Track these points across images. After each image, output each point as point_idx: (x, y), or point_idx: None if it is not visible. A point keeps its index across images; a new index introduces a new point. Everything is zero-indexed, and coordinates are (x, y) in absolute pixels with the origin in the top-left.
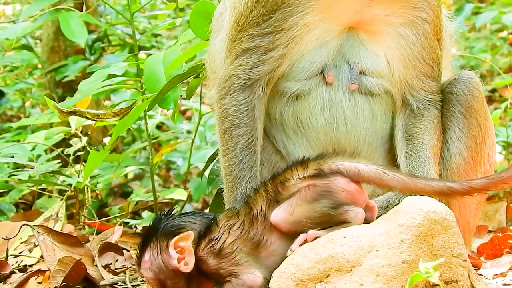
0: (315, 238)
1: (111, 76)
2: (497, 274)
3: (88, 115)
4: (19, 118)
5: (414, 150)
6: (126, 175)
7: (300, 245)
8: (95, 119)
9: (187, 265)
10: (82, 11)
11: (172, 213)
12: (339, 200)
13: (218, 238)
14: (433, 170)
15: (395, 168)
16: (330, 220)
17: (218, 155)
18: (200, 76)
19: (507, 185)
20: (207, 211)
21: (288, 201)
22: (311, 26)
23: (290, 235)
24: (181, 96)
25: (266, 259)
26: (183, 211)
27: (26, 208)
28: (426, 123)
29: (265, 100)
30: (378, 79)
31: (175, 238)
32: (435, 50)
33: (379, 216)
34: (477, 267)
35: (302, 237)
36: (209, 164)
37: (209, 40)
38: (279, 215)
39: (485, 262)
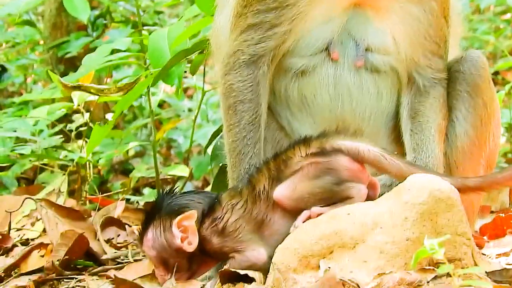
0: (318, 215)
1: (115, 51)
2: (500, 254)
3: (92, 90)
4: (21, 94)
5: (419, 128)
6: (127, 152)
7: (303, 222)
8: (99, 94)
9: (191, 244)
10: None
11: (174, 191)
12: (342, 177)
13: (221, 217)
14: (437, 148)
15: (396, 153)
16: (333, 197)
17: (221, 131)
18: (205, 52)
19: (501, 187)
20: (208, 189)
21: (291, 178)
22: (316, 2)
23: (293, 214)
24: (186, 72)
25: (269, 238)
26: (184, 189)
27: (28, 183)
28: (432, 101)
29: (270, 76)
30: (384, 56)
31: (179, 217)
32: (442, 27)
33: (382, 194)
34: (480, 246)
35: (305, 213)
36: (212, 140)
37: (214, 15)
38: (282, 191)
39: (488, 242)
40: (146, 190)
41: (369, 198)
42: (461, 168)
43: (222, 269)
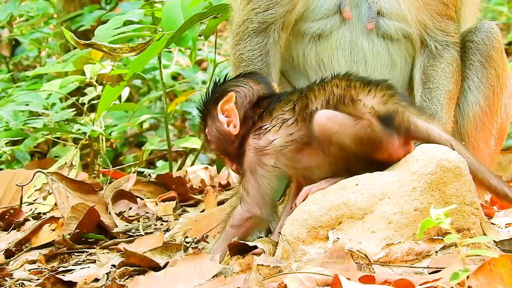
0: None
1: (127, 23)
2: (510, 223)
3: (104, 48)
4: (35, 67)
5: (428, 96)
6: (141, 125)
7: (303, 200)
8: (111, 52)
9: (235, 127)
10: None
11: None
12: (377, 155)
13: (268, 129)
14: (445, 117)
15: (463, 143)
16: (342, 165)
17: None
18: (218, 16)
19: None
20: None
21: (347, 116)
22: None
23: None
24: (200, 35)
25: (303, 170)
26: (196, 162)
27: (41, 157)
28: (444, 65)
29: (282, 44)
30: (396, 23)
31: (220, 103)
32: None
33: None
34: (489, 216)
35: (305, 190)
36: None
37: None
38: (328, 114)
39: (498, 211)
40: (160, 163)
41: None
42: (472, 138)
43: (232, 242)
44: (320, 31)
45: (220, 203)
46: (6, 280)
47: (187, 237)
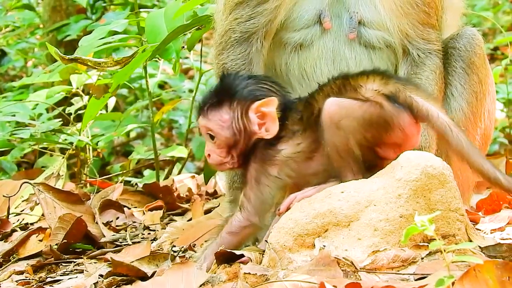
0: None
1: (112, 33)
2: (495, 229)
3: (89, 63)
4: (21, 77)
5: None
6: (128, 134)
7: (288, 207)
8: (96, 67)
9: (268, 131)
10: None
11: (243, 75)
12: (391, 138)
13: (279, 139)
14: None
15: (464, 129)
16: (338, 165)
17: None
18: (202, 28)
19: None
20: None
21: (353, 100)
22: None
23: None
24: (183, 47)
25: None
26: (183, 171)
27: (28, 167)
28: (428, 73)
29: (265, 53)
30: (379, 32)
31: (258, 103)
32: None
33: None
34: (475, 222)
35: (290, 198)
36: None
37: None
38: (336, 101)
39: (483, 217)
40: (147, 172)
41: None
42: None
43: (218, 250)
44: (302, 41)
45: (207, 211)
46: None
47: (174, 246)
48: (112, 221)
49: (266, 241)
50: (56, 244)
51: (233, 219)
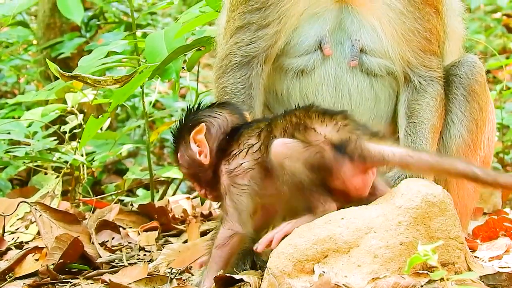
0: (285, 236)
1: (112, 53)
2: (493, 257)
3: (89, 81)
4: (14, 94)
5: (413, 130)
6: (120, 153)
7: (266, 246)
8: (96, 84)
9: (206, 157)
10: None
11: (200, 106)
12: (333, 183)
13: (236, 154)
14: (430, 151)
15: (422, 149)
16: (302, 197)
17: None
18: (202, 49)
19: None
20: None
21: (299, 143)
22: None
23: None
24: (183, 67)
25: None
26: (178, 191)
27: (20, 185)
28: (429, 100)
29: (265, 77)
30: (380, 60)
31: (193, 133)
32: (429, 19)
33: None
34: (473, 249)
35: (268, 236)
36: None
37: (218, 18)
38: (284, 140)
39: (481, 244)
40: (140, 191)
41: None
42: None
43: (217, 275)
44: (303, 67)
45: (203, 233)
46: None
47: (171, 268)
48: (107, 241)
49: (265, 266)
50: (52, 264)
51: (218, 234)
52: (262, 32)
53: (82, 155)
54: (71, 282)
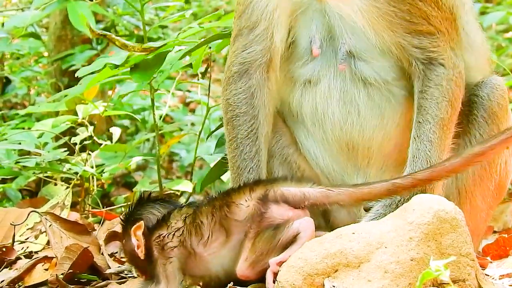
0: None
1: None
2: (503, 275)
3: (117, 42)
4: (24, 105)
5: (418, 132)
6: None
7: (273, 281)
8: (123, 48)
9: (142, 252)
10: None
11: (148, 197)
12: (280, 224)
13: (164, 236)
14: (435, 155)
15: (340, 183)
16: (283, 243)
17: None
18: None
19: (450, 174)
20: None
21: (243, 250)
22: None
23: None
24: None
25: (192, 269)
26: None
27: (30, 195)
28: (433, 89)
29: (271, 87)
30: (371, 64)
31: (133, 228)
32: (416, 3)
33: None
34: (483, 267)
35: (270, 274)
36: (220, 127)
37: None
38: (242, 267)
39: (491, 262)
40: None
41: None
42: (469, 192)
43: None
44: (310, 77)
45: None
46: None
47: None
48: (117, 252)
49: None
50: (62, 274)
51: None
52: (253, 33)
53: (92, 167)
54: None
